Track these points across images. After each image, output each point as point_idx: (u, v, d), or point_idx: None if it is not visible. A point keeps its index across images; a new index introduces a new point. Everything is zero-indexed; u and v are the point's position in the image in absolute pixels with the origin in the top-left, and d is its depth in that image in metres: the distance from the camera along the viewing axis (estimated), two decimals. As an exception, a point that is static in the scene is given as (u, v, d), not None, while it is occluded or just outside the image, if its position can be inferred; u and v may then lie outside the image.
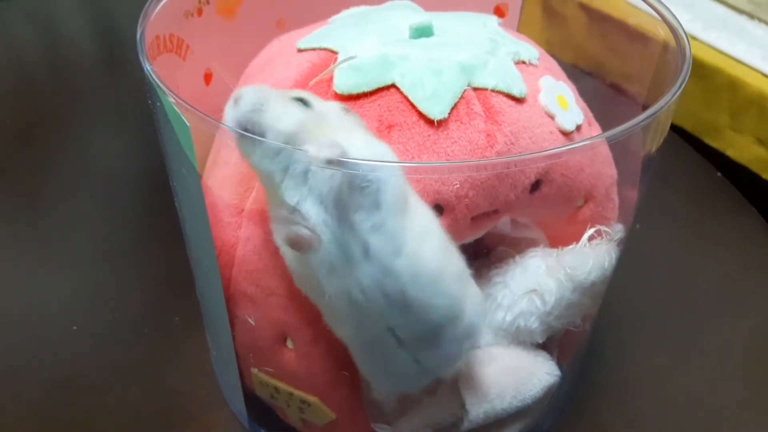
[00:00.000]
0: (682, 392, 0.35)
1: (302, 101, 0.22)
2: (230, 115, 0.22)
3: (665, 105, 0.23)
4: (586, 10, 0.36)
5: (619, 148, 0.26)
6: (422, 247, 0.22)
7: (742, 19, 0.53)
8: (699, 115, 0.52)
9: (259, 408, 0.31)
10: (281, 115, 0.21)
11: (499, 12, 0.35)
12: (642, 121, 0.23)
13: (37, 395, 0.34)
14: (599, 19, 0.34)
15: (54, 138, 0.49)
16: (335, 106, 0.24)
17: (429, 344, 0.24)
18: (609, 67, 0.34)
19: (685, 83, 0.24)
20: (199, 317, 0.33)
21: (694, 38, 0.52)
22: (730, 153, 0.51)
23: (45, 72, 0.57)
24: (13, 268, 0.40)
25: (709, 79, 0.50)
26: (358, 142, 0.22)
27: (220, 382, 0.34)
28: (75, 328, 0.37)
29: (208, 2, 0.30)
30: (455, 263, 0.24)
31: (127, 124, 0.51)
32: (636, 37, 0.31)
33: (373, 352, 0.25)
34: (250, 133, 0.21)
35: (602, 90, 0.33)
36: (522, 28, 0.37)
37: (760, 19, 0.53)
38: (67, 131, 0.50)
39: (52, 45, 0.60)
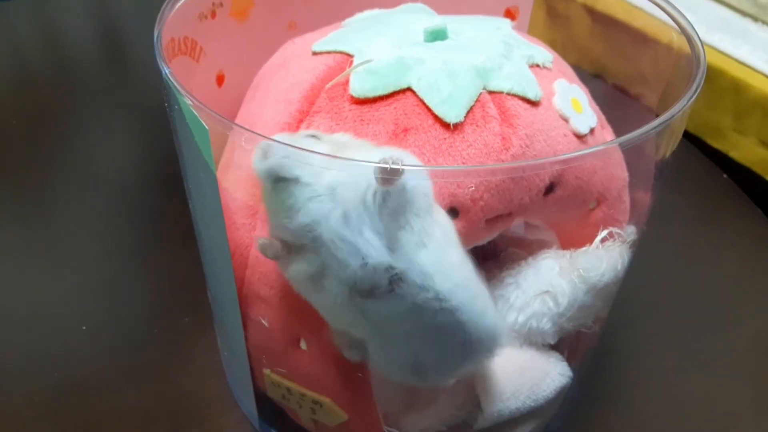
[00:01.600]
0: (690, 394, 0.35)
1: (314, 137, 0.23)
2: (262, 165, 0.22)
3: (681, 110, 0.23)
4: (590, 12, 0.36)
5: (632, 152, 0.26)
6: (447, 244, 0.22)
7: (746, 22, 0.54)
8: (702, 116, 0.52)
9: (270, 409, 0.31)
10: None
11: (509, 15, 0.35)
12: (657, 126, 0.23)
13: (46, 396, 0.34)
14: (603, 21, 0.34)
15: (61, 138, 0.49)
16: (342, 134, 0.25)
17: (437, 340, 0.24)
18: (613, 70, 0.34)
19: (700, 88, 0.24)
20: (210, 318, 0.34)
21: (698, 40, 0.52)
22: (734, 155, 0.51)
23: (50, 72, 0.57)
24: (22, 269, 0.40)
25: (713, 81, 0.51)
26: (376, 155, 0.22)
27: (231, 382, 0.34)
28: (84, 328, 0.37)
29: (221, 4, 0.30)
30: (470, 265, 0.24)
31: (135, 124, 0.51)
32: (641, 39, 0.31)
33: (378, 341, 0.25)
34: (283, 178, 0.22)
35: (606, 92, 0.33)
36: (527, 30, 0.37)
37: (763, 22, 0.53)
38: (73, 131, 0.50)
39: (56, 45, 0.60)
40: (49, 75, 0.57)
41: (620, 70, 0.34)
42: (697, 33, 0.27)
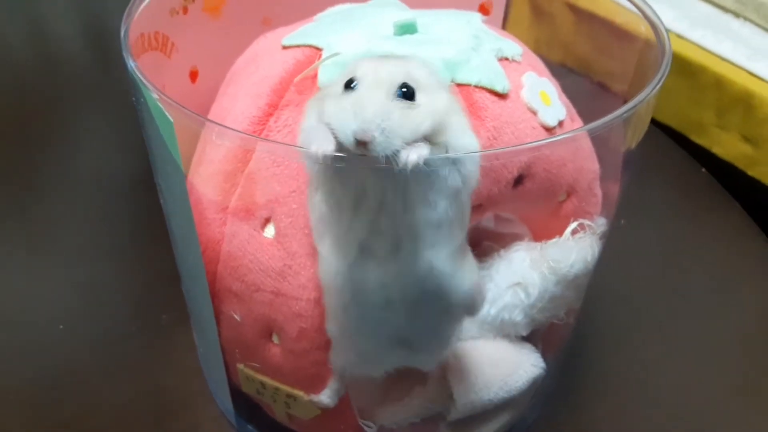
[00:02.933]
0: (666, 386, 0.36)
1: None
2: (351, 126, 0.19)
3: (645, 98, 0.23)
4: (574, 9, 0.36)
5: (600, 142, 0.26)
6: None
7: (728, 18, 0.54)
8: (685, 112, 0.52)
9: (245, 404, 0.31)
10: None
11: (483, 10, 0.36)
12: (621, 114, 0.23)
13: (23, 394, 0.34)
14: (586, 17, 0.35)
15: (42, 137, 0.49)
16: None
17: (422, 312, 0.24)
18: (596, 65, 0.34)
19: (665, 77, 0.24)
20: (186, 315, 0.33)
21: (680, 36, 0.52)
22: (716, 150, 0.51)
23: (34, 70, 0.57)
24: (0, 267, 0.40)
25: (695, 77, 0.51)
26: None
27: (207, 378, 0.34)
28: (62, 327, 0.37)
29: (193, 0, 0.30)
30: None
31: (116, 124, 0.51)
32: (621, 35, 0.32)
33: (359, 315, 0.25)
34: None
35: (590, 88, 0.33)
36: (510, 27, 0.37)
37: (745, 18, 0.53)
38: (55, 130, 0.50)
39: (41, 43, 0.60)
40: (33, 72, 0.57)
41: (601, 65, 0.34)
42: (662, 21, 0.27)
